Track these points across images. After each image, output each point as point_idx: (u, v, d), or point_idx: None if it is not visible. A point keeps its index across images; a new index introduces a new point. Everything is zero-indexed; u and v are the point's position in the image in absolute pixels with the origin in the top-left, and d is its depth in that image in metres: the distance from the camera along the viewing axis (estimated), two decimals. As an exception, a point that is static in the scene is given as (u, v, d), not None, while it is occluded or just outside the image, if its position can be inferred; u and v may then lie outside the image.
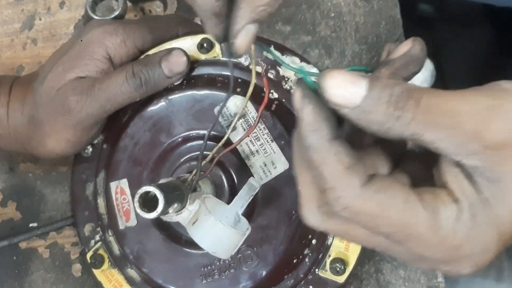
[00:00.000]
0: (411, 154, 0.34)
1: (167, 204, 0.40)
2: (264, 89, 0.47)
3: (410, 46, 0.34)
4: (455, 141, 0.29)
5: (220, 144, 0.48)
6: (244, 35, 0.35)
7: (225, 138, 0.48)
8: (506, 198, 0.29)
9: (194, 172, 0.46)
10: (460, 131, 0.28)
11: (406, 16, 0.59)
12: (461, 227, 0.29)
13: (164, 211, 0.40)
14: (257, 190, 0.45)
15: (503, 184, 0.29)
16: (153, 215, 0.39)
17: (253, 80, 0.46)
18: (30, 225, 0.61)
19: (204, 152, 0.50)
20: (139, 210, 0.39)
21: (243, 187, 0.45)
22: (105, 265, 0.53)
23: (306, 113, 0.30)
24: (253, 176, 0.49)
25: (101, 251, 0.53)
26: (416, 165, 0.34)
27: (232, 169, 0.50)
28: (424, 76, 0.55)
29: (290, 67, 0.37)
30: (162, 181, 0.43)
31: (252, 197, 0.45)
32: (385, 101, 0.29)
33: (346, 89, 0.29)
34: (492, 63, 1.10)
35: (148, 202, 0.40)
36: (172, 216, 0.43)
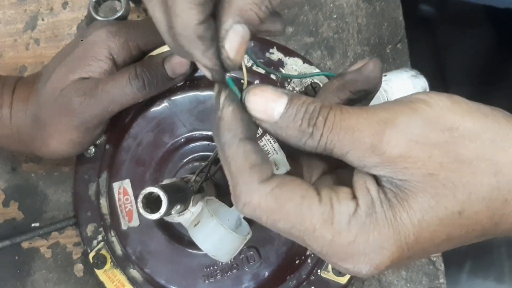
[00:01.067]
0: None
1: (170, 205, 0.40)
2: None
3: (363, 64, 0.36)
4: (357, 155, 0.31)
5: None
6: (233, 36, 0.31)
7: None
8: (408, 203, 0.30)
9: (196, 173, 0.46)
10: (359, 146, 0.30)
11: (407, 17, 0.59)
12: (356, 223, 0.30)
13: (167, 212, 0.40)
14: None
15: (407, 191, 0.30)
16: (156, 216, 0.39)
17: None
18: (32, 225, 0.61)
19: (207, 153, 0.50)
20: (142, 211, 0.39)
21: None
22: (108, 265, 0.53)
23: (225, 113, 0.32)
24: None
25: (103, 251, 0.53)
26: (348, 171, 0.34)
27: None
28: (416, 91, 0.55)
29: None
30: (165, 181, 0.43)
31: None
32: (299, 118, 0.31)
33: (265, 106, 0.32)
34: (493, 64, 1.10)
35: (152, 203, 0.40)
36: (174, 217, 0.44)
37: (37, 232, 0.60)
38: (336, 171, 0.36)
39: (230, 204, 0.47)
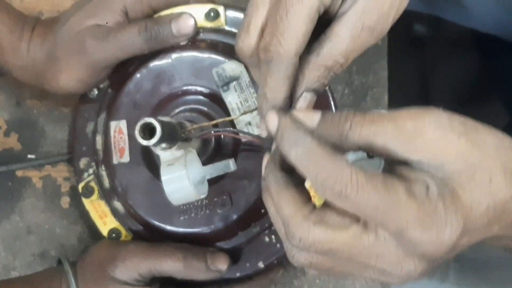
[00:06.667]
0: None
1: (161, 139, 0.46)
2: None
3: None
4: (399, 140, 0.34)
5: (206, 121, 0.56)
6: (302, 101, 0.41)
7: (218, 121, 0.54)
8: (454, 177, 0.34)
9: (195, 126, 0.52)
10: (401, 131, 0.35)
11: (398, 34, 0.64)
12: (433, 195, 0.34)
13: (157, 144, 0.46)
14: (231, 170, 0.52)
15: (448, 169, 0.34)
16: (146, 142, 0.44)
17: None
18: (29, 156, 0.67)
19: (199, 107, 0.56)
20: (137, 135, 0.44)
21: (222, 161, 0.52)
22: (95, 196, 0.59)
23: (286, 121, 0.37)
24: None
25: (92, 183, 0.59)
26: None
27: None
28: None
29: None
30: (164, 118, 0.48)
31: (224, 173, 0.52)
32: (336, 118, 0.36)
33: (305, 117, 0.37)
34: (474, 88, 1.15)
35: (146, 134, 0.46)
36: (157, 150, 0.49)
37: (32, 163, 0.66)
38: None
39: (208, 159, 0.54)
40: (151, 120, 0.45)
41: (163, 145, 0.48)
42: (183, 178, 0.47)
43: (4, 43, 0.57)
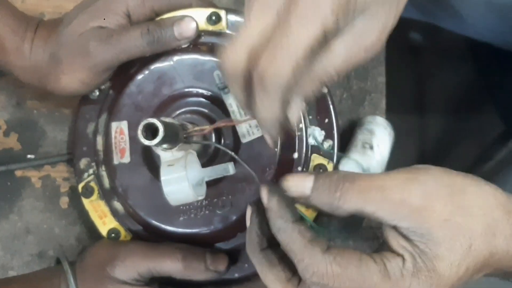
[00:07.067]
0: None
1: (163, 139, 0.46)
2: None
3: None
4: (388, 210, 0.38)
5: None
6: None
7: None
8: (437, 249, 0.37)
9: (197, 128, 0.53)
10: (389, 202, 0.38)
11: (395, 41, 0.65)
12: (407, 273, 0.37)
13: (159, 144, 0.46)
14: (229, 174, 0.52)
15: (432, 237, 0.37)
16: (148, 142, 0.45)
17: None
18: (28, 156, 0.67)
19: (200, 108, 0.57)
20: (140, 135, 0.45)
21: (221, 164, 0.53)
22: (94, 196, 0.59)
23: (273, 203, 0.40)
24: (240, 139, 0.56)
25: (92, 184, 0.60)
26: None
27: (222, 131, 0.57)
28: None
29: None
30: (167, 119, 0.49)
31: (222, 176, 0.53)
32: (327, 187, 0.39)
33: (298, 186, 0.40)
34: (469, 95, 1.17)
35: (149, 134, 0.46)
36: (158, 150, 0.50)
37: (32, 163, 0.66)
38: None
39: (207, 162, 0.54)
40: (154, 121, 0.45)
41: (165, 145, 0.49)
42: (182, 179, 0.48)
43: (7, 44, 0.58)
